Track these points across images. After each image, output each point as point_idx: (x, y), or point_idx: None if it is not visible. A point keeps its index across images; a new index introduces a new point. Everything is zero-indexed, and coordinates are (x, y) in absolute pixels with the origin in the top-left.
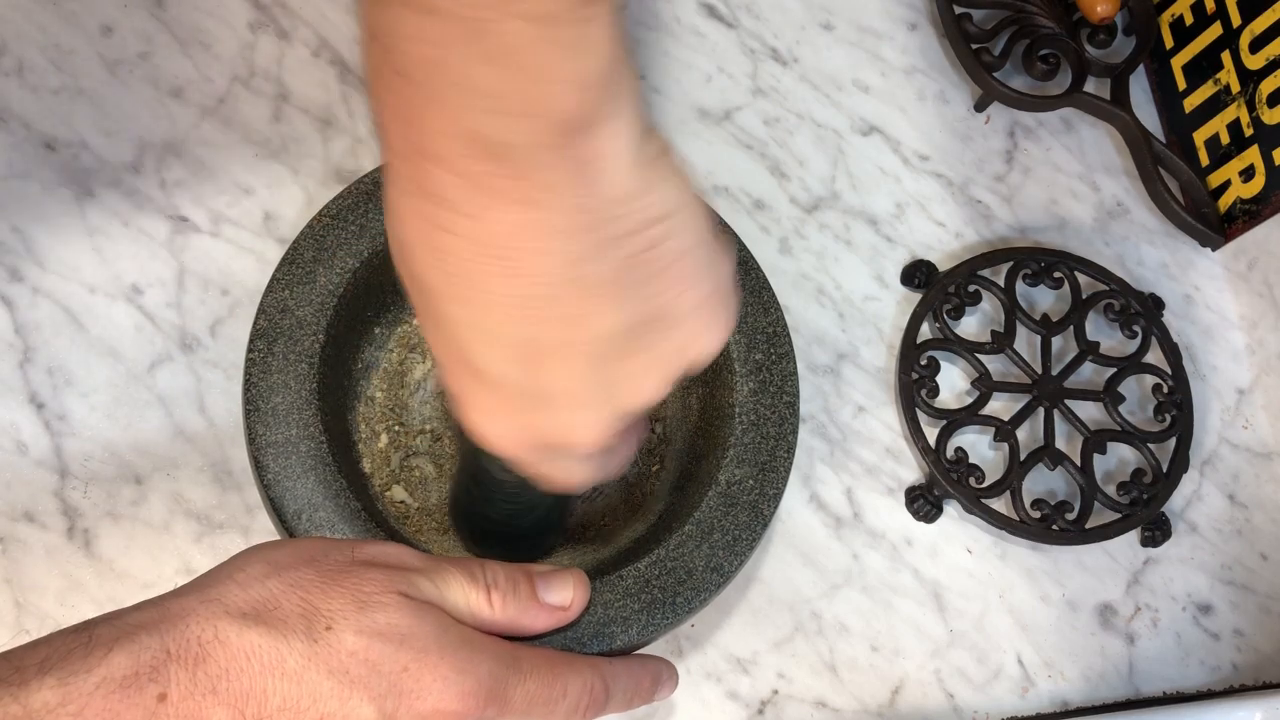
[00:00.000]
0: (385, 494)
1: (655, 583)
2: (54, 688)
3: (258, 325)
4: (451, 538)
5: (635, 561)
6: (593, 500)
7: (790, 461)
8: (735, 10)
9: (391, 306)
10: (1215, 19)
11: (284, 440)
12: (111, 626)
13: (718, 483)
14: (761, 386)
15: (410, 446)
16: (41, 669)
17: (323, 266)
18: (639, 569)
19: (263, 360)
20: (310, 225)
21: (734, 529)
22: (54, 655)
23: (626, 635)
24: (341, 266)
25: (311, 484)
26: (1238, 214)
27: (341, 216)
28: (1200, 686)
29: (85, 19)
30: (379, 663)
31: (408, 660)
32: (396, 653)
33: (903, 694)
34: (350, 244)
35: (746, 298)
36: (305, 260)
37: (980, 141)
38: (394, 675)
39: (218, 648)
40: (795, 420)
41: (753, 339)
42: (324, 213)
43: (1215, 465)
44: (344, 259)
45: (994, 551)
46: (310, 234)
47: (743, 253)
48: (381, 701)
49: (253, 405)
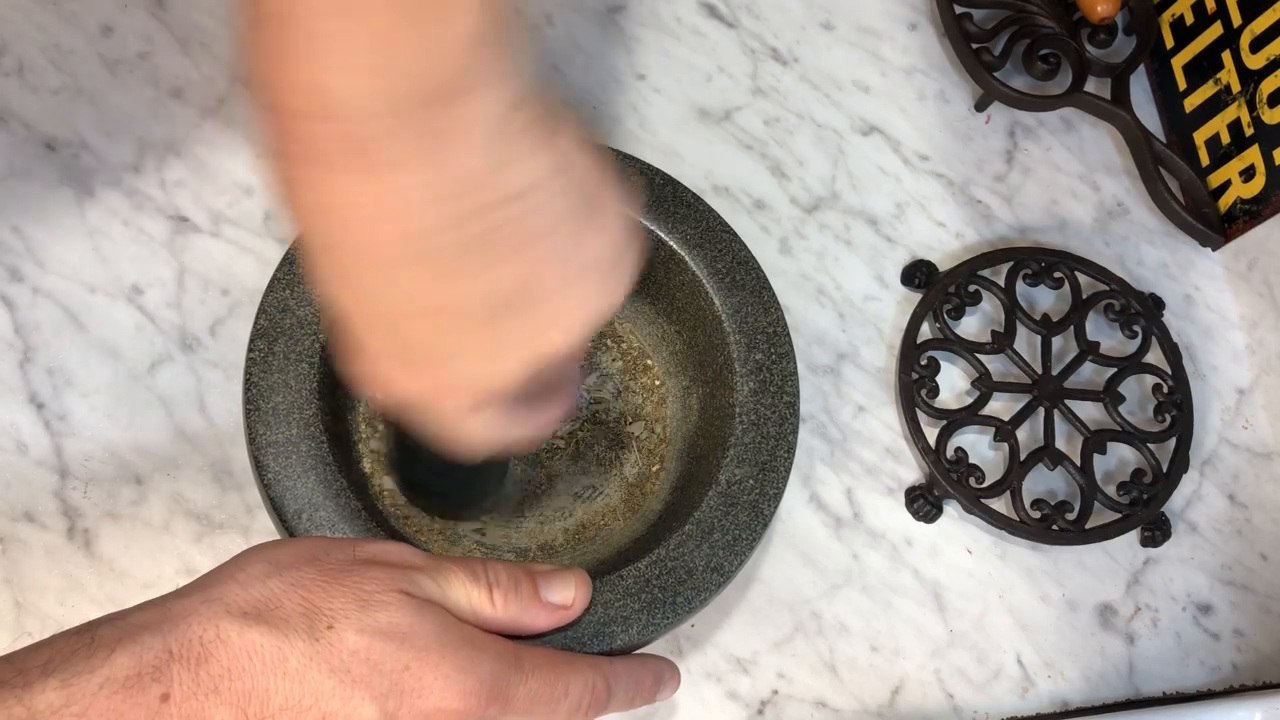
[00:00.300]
0: (384, 491)
1: (655, 582)
2: (57, 689)
3: (258, 325)
4: (453, 539)
5: (635, 561)
6: (592, 500)
7: (790, 461)
8: (735, 10)
9: None
10: (1216, 19)
11: (284, 440)
12: (114, 627)
13: (718, 482)
14: (762, 386)
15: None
16: (44, 671)
17: None
18: (639, 569)
19: (263, 360)
20: None
21: (734, 528)
22: (57, 657)
23: (627, 635)
24: None
25: (312, 483)
26: (1238, 214)
27: None
28: (1200, 686)
29: (85, 19)
30: (380, 662)
31: (409, 659)
32: (398, 651)
33: (903, 694)
34: None
35: (746, 297)
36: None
37: (980, 141)
38: (395, 674)
39: (220, 647)
40: (795, 420)
41: (753, 339)
42: None
43: (1215, 465)
44: None
45: (994, 551)
46: None
47: (742, 252)
48: (383, 701)
49: (253, 405)
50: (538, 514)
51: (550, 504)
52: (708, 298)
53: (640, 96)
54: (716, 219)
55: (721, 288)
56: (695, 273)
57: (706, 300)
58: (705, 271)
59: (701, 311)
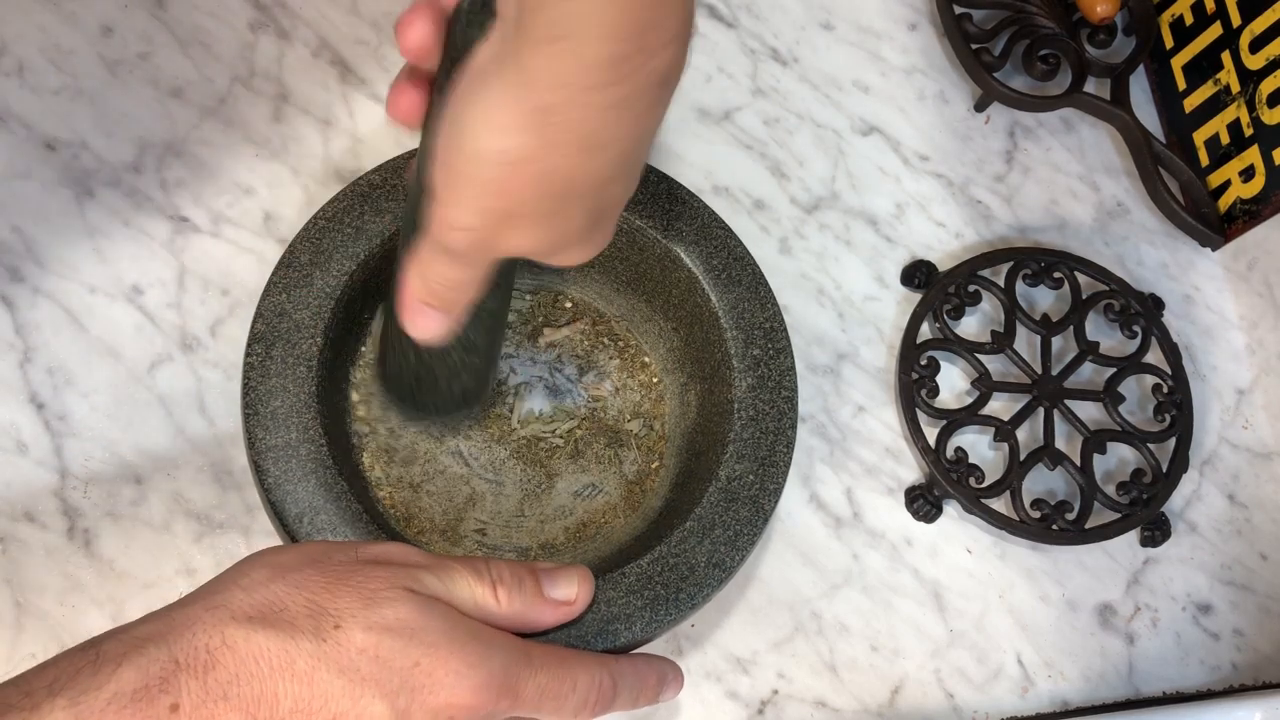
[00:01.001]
0: (384, 491)
1: (658, 579)
2: (65, 708)
3: (255, 329)
4: (454, 539)
5: (637, 559)
6: (592, 498)
7: (790, 456)
8: (735, 10)
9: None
10: (1215, 19)
11: (284, 444)
12: (118, 641)
13: (718, 478)
14: (760, 382)
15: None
16: (51, 691)
17: (319, 270)
18: (641, 566)
19: (261, 364)
20: (306, 228)
21: (735, 524)
22: (62, 676)
23: (630, 632)
24: (338, 269)
25: (312, 487)
26: (1238, 214)
27: (337, 219)
28: (1200, 686)
29: (85, 19)
30: (389, 659)
31: (419, 655)
32: (407, 648)
33: (903, 694)
34: (346, 247)
35: (743, 293)
36: (301, 263)
37: (980, 141)
38: (405, 670)
39: (226, 653)
40: (794, 415)
41: (750, 334)
42: (320, 215)
43: (1215, 465)
44: (340, 261)
45: (994, 551)
46: (306, 237)
47: (739, 249)
48: (394, 698)
49: (252, 409)
50: (538, 513)
51: (551, 503)
52: (704, 294)
53: None
54: (712, 216)
55: (718, 284)
56: (691, 269)
57: (703, 297)
58: (701, 268)
59: (698, 308)
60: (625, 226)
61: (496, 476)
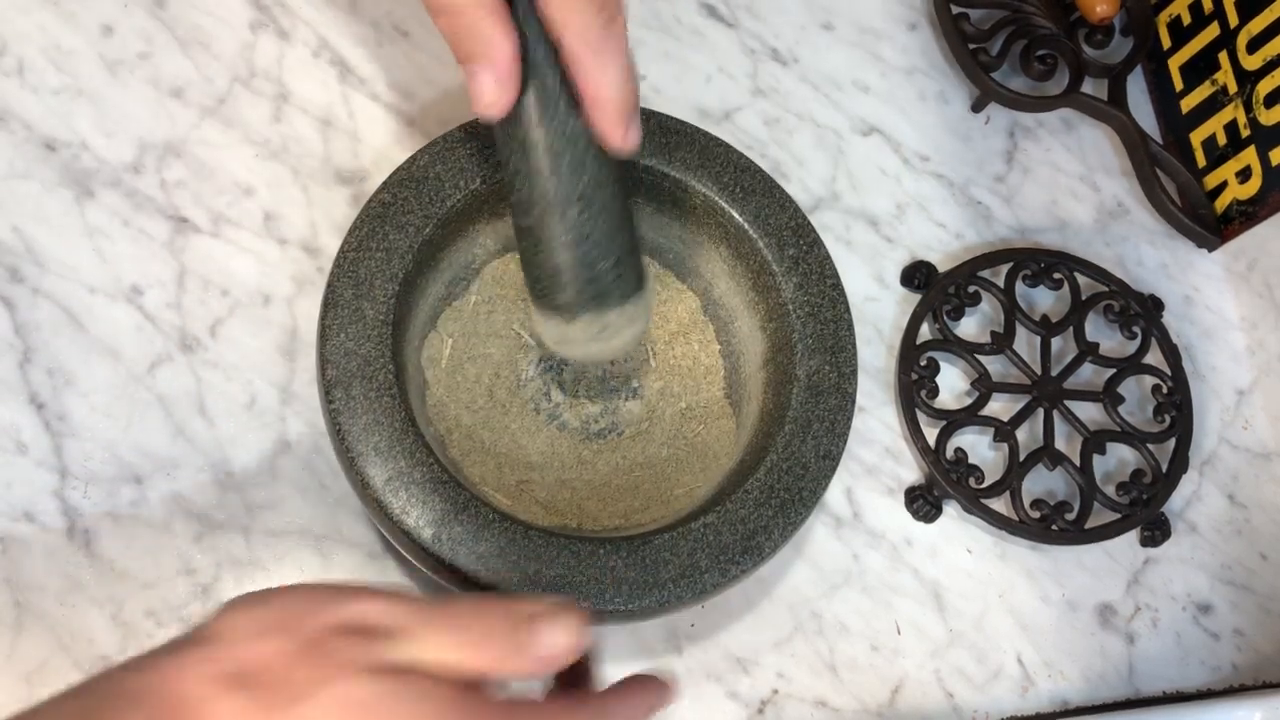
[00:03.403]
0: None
1: (778, 485)
2: None
3: (328, 375)
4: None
5: (750, 476)
6: (694, 435)
7: (854, 338)
8: (735, 10)
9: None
10: (1213, 19)
11: (397, 473)
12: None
13: (798, 379)
14: (804, 279)
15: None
16: None
17: (365, 300)
18: (759, 478)
19: (346, 407)
20: (338, 263)
21: (828, 415)
22: None
23: (771, 541)
24: (383, 294)
25: (438, 506)
26: (1234, 215)
27: (364, 246)
28: (1200, 686)
29: (85, 19)
30: None
31: None
32: None
33: (902, 694)
34: (382, 270)
35: (761, 200)
36: (346, 300)
37: (980, 142)
38: None
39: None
40: (845, 300)
41: (780, 236)
42: (346, 246)
43: (1215, 465)
44: (382, 286)
45: (994, 551)
46: (341, 272)
47: (742, 160)
48: None
49: (355, 453)
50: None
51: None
52: (725, 213)
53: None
54: (707, 137)
55: (734, 199)
56: (705, 193)
57: (725, 216)
58: (714, 188)
59: (723, 228)
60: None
61: (591, 455)
